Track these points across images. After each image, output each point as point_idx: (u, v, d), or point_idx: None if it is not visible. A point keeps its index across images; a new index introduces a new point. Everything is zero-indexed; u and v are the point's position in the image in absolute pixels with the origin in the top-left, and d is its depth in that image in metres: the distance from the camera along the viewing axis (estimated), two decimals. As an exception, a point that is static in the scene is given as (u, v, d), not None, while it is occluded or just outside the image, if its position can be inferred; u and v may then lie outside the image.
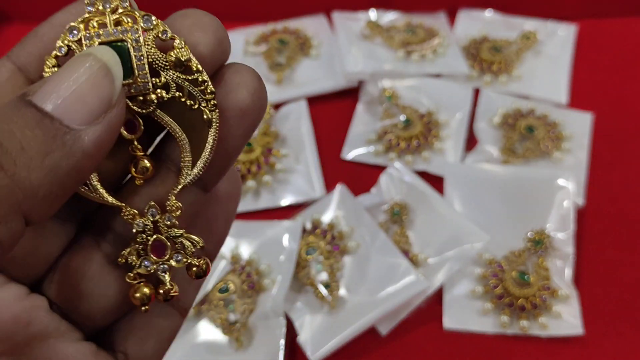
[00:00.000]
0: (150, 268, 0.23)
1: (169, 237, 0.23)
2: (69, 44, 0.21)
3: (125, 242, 0.23)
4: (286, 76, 0.66)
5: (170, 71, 0.22)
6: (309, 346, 0.49)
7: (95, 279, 0.23)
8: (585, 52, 0.69)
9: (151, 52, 0.21)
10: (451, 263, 0.52)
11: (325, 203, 0.56)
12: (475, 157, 0.60)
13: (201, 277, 0.23)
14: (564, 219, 0.55)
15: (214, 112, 0.22)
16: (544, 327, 0.50)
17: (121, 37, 0.21)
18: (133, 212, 0.22)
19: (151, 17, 0.22)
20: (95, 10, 0.21)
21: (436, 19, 0.71)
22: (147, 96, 0.22)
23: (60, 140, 0.18)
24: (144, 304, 0.22)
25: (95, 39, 0.21)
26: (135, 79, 0.21)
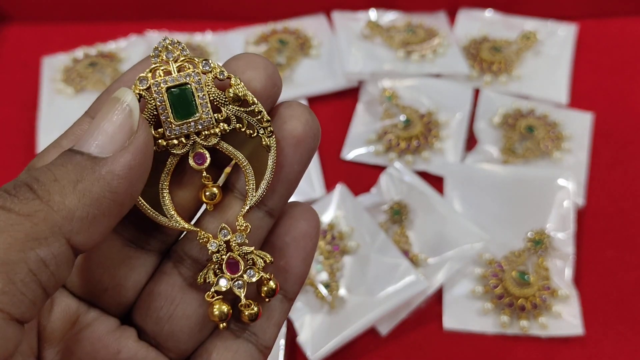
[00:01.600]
0: (227, 285, 0.25)
1: (241, 255, 0.25)
2: (140, 93, 0.24)
3: (201, 264, 0.26)
4: (286, 76, 0.66)
5: (230, 106, 0.24)
6: (309, 346, 0.49)
7: (177, 300, 0.26)
8: (585, 52, 0.69)
9: (212, 91, 0.24)
10: (451, 263, 0.52)
11: (325, 203, 0.56)
12: (475, 157, 0.60)
13: (271, 295, 0.25)
14: (564, 219, 0.55)
15: (271, 138, 0.25)
16: (544, 327, 0.50)
17: (185, 81, 0.24)
18: (207, 235, 0.25)
19: (209, 61, 0.24)
20: (160, 60, 0.24)
21: (436, 19, 0.71)
22: (212, 130, 0.24)
23: (90, 169, 0.21)
24: (222, 320, 0.25)
25: (162, 85, 0.24)
26: (200, 116, 0.24)
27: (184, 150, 0.24)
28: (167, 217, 0.25)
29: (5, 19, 0.73)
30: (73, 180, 0.20)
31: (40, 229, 0.19)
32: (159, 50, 0.24)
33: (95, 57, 0.67)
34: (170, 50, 0.24)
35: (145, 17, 0.72)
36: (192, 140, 0.24)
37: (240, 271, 0.25)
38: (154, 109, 0.24)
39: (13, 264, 0.19)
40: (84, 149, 0.21)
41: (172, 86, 0.24)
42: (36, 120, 0.62)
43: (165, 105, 0.24)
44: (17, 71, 0.69)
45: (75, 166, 0.21)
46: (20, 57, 0.70)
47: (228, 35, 0.70)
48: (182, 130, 0.24)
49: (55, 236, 0.20)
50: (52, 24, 0.73)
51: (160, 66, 0.24)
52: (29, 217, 0.19)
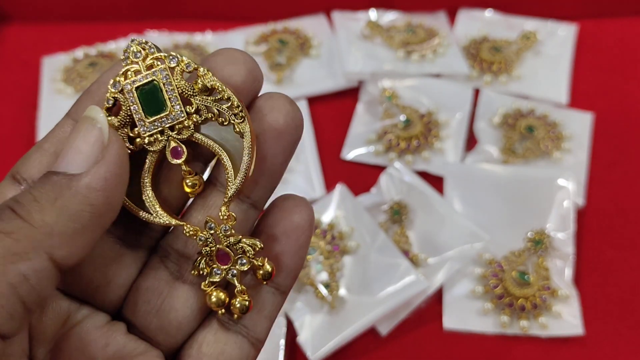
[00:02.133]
0: (220, 275, 0.25)
1: (229, 245, 0.25)
2: (114, 96, 0.24)
3: (186, 257, 0.26)
4: (286, 76, 0.66)
5: (198, 97, 0.24)
6: (309, 346, 0.49)
7: (164, 294, 0.26)
8: (585, 52, 0.69)
9: (180, 85, 0.24)
10: (451, 263, 0.52)
11: (325, 203, 0.56)
12: (475, 157, 0.60)
13: (268, 278, 0.25)
14: (564, 219, 0.55)
15: (243, 124, 0.24)
16: (544, 327, 0.50)
17: (152, 78, 0.24)
18: (194, 228, 0.25)
19: (175, 55, 0.25)
20: (130, 62, 0.24)
21: (436, 19, 0.71)
22: (184, 123, 0.24)
23: (66, 186, 0.21)
24: (220, 307, 0.25)
25: (132, 85, 0.24)
26: (169, 110, 0.24)
27: (160, 146, 0.25)
28: (152, 213, 0.25)
29: (5, 19, 0.73)
30: (51, 198, 0.21)
31: (21, 245, 0.20)
32: (128, 52, 0.25)
33: (95, 57, 0.67)
34: (138, 50, 0.24)
35: (145, 17, 0.72)
36: (166, 136, 0.25)
37: (231, 261, 0.25)
38: (128, 109, 0.24)
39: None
40: (60, 169, 0.22)
41: (141, 85, 0.24)
42: (36, 120, 0.62)
43: (137, 104, 0.24)
44: (17, 71, 0.69)
45: (53, 185, 0.22)
46: (20, 57, 0.70)
47: (228, 35, 0.70)
48: (156, 127, 0.24)
49: (36, 251, 0.20)
50: (52, 24, 0.73)
51: (131, 67, 0.24)
52: (10, 234, 0.20)
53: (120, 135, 0.24)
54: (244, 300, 0.25)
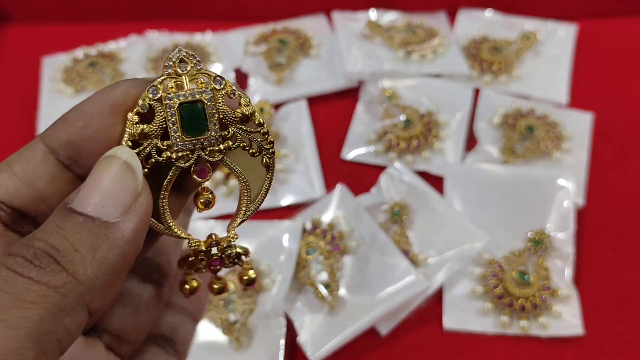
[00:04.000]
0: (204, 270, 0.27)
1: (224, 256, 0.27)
2: (150, 103, 0.24)
3: (118, 339, 0.27)
4: (286, 76, 0.66)
5: (237, 125, 0.25)
6: (309, 346, 0.49)
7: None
8: (585, 52, 0.69)
9: (221, 109, 0.24)
10: (451, 263, 0.52)
11: (325, 203, 0.56)
12: (475, 157, 0.60)
13: (250, 284, 0.28)
14: (564, 219, 0.55)
15: (271, 159, 0.26)
16: (544, 327, 0.50)
17: (197, 98, 0.24)
18: (198, 242, 0.26)
19: (221, 78, 0.24)
20: (173, 72, 0.24)
21: (436, 19, 0.71)
22: (218, 146, 0.25)
23: (104, 235, 0.21)
24: (191, 294, 0.27)
25: (175, 99, 0.24)
26: (209, 133, 0.24)
27: (188, 163, 0.25)
28: (164, 225, 0.25)
29: (5, 19, 0.73)
30: (90, 249, 0.21)
31: (68, 301, 0.20)
32: (173, 62, 0.24)
33: (95, 57, 0.67)
34: (185, 61, 0.24)
35: (145, 17, 0.72)
36: (196, 155, 0.25)
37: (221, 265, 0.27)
38: (163, 121, 0.24)
39: (45, 335, 0.20)
40: (86, 210, 0.21)
41: (185, 102, 0.24)
42: (36, 120, 0.62)
43: (176, 120, 0.24)
44: (17, 71, 0.69)
45: (89, 233, 0.21)
46: (20, 57, 0.70)
47: (228, 35, 0.70)
48: (189, 146, 0.24)
49: (79, 306, 0.21)
50: (52, 24, 0.73)
51: (172, 78, 0.24)
52: (57, 289, 0.20)
53: (149, 144, 0.24)
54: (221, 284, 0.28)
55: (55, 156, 0.24)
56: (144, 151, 0.24)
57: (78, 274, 0.21)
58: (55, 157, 0.24)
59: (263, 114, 0.61)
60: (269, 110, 0.61)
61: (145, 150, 0.24)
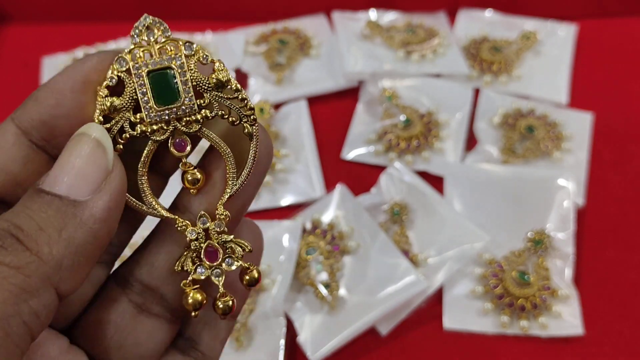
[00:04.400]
0: (205, 273, 0.24)
1: (220, 243, 0.24)
2: (119, 74, 0.22)
3: (150, 290, 0.25)
4: (286, 76, 0.66)
5: (213, 92, 0.23)
6: (309, 346, 0.49)
7: (127, 329, 0.25)
8: (585, 52, 0.69)
9: (195, 76, 0.23)
10: (451, 263, 0.52)
11: (325, 203, 0.56)
12: (475, 157, 0.60)
13: (253, 284, 0.24)
14: (564, 219, 0.55)
15: (254, 127, 0.24)
16: (544, 327, 0.50)
17: (167, 65, 0.23)
18: (186, 223, 0.24)
19: (192, 44, 0.23)
20: (140, 40, 0.23)
21: (436, 19, 0.71)
22: (193, 116, 0.23)
23: (71, 215, 0.20)
24: (195, 309, 0.24)
25: (143, 67, 0.23)
26: (182, 101, 0.23)
27: (164, 136, 0.23)
28: (146, 204, 0.24)
29: (5, 19, 0.73)
30: (57, 228, 0.20)
31: (32, 281, 0.19)
32: (140, 30, 0.23)
33: (95, 57, 0.67)
34: (152, 29, 0.23)
35: (145, 17, 0.72)
36: (172, 127, 0.23)
37: (219, 260, 0.24)
38: (133, 92, 0.23)
39: (9, 317, 0.19)
40: (56, 189, 0.21)
41: (154, 70, 0.23)
42: (36, 120, 0.62)
43: (146, 89, 0.23)
44: (17, 71, 0.69)
45: (56, 212, 0.20)
46: (20, 57, 0.70)
47: (228, 35, 0.70)
48: (163, 116, 0.23)
49: (46, 287, 0.20)
50: (52, 24, 0.73)
51: (140, 47, 0.23)
52: (20, 269, 0.19)
53: (122, 118, 0.23)
54: (227, 301, 0.24)
55: (28, 137, 0.23)
56: (116, 126, 0.23)
57: (42, 254, 0.20)
58: (27, 139, 0.23)
59: (263, 114, 0.61)
60: (269, 110, 0.61)
61: (117, 125, 0.23)
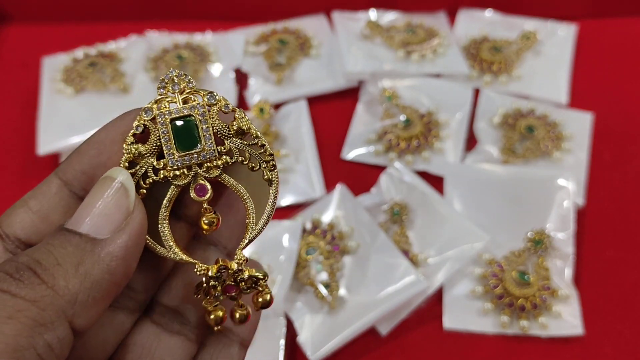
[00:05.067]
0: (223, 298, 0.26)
1: (237, 281, 0.25)
2: (144, 123, 0.24)
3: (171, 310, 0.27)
4: (286, 76, 0.66)
5: (233, 139, 0.25)
6: (309, 346, 0.49)
7: (153, 348, 0.26)
8: (585, 52, 0.69)
9: (215, 124, 0.24)
10: (451, 263, 0.52)
11: (325, 203, 0.56)
12: (475, 157, 0.60)
13: (266, 306, 0.26)
14: (564, 219, 0.55)
15: (273, 172, 0.25)
16: (544, 327, 0.50)
17: (189, 113, 0.24)
18: (205, 267, 0.25)
19: (214, 94, 0.24)
20: (166, 92, 0.24)
21: (436, 19, 0.71)
22: (214, 162, 0.24)
23: (89, 251, 0.21)
24: (217, 324, 0.26)
25: (167, 116, 0.24)
26: (203, 147, 0.24)
27: (185, 181, 0.24)
28: (166, 248, 0.25)
29: (5, 19, 0.73)
30: (74, 263, 0.21)
31: (47, 315, 0.20)
32: (165, 82, 0.24)
33: (95, 57, 0.67)
34: (177, 82, 0.24)
35: (145, 17, 0.72)
36: (193, 172, 0.24)
37: (237, 292, 0.26)
38: (157, 139, 0.24)
39: (23, 349, 0.19)
40: (79, 228, 0.22)
41: (177, 117, 0.24)
42: (36, 120, 0.62)
43: (169, 136, 0.24)
44: (17, 71, 0.69)
45: (75, 248, 0.21)
46: (20, 57, 0.70)
47: (228, 35, 0.70)
48: (185, 162, 0.24)
49: (60, 320, 0.20)
50: (52, 24, 0.73)
51: (166, 97, 0.24)
52: (35, 302, 0.20)
53: (145, 164, 0.24)
54: (243, 311, 0.26)
55: (70, 188, 0.24)
56: (140, 171, 0.24)
57: (58, 287, 0.20)
58: (69, 190, 0.24)
59: (263, 114, 0.61)
60: (268, 110, 0.61)
61: (141, 170, 0.24)
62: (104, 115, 0.61)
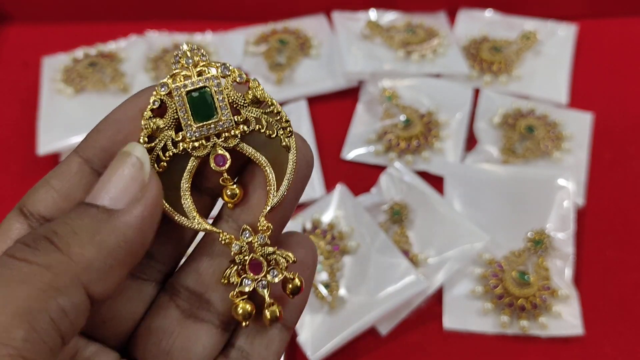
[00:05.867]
0: (250, 285, 0.25)
1: (263, 255, 0.25)
2: (161, 98, 0.24)
3: (197, 296, 0.26)
4: (286, 76, 0.66)
5: (249, 107, 0.25)
6: (309, 346, 0.49)
7: (175, 333, 0.26)
8: (585, 52, 0.69)
9: (230, 94, 0.25)
10: (451, 263, 0.52)
11: (325, 203, 0.56)
12: (475, 157, 0.60)
13: (296, 292, 0.25)
14: (564, 219, 0.55)
15: (290, 139, 0.25)
16: (544, 327, 0.50)
17: (204, 85, 0.24)
18: (229, 236, 0.25)
19: (228, 65, 0.25)
20: (180, 66, 0.25)
21: (436, 19, 0.71)
22: (231, 131, 0.25)
23: (105, 221, 0.22)
24: (245, 319, 0.25)
25: (182, 89, 0.24)
26: (219, 117, 0.24)
27: (204, 152, 0.25)
28: (190, 218, 0.25)
29: (5, 19, 0.73)
30: (90, 232, 0.21)
31: (60, 279, 0.20)
32: (179, 57, 0.25)
33: (95, 57, 0.67)
34: (190, 56, 0.25)
35: (145, 17, 0.72)
36: (212, 142, 0.25)
37: (264, 272, 0.25)
38: (174, 112, 0.24)
39: (36, 312, 0.19)
40: (98, 202, 0.22)
41: (192, 89, 0.24)
42: (36, 120, 0.62)
43: (185, 108, 0.24)
44: (17, 71, 0.69)
45: (91, 219, 0.22)
46: (20, 57, 0.70)
47: (228, 35, 0.70)
48: (202, 133, 0.24)
49: (75, 286, 0.20)
50: (52, 24, 0.73)
51: (181, 72, 0.25)
52: (49, 267, 0.20)
53: (164, 137, 0.24)
54: (274, 310, 0.25)
55: (90, 165, 0.25)
56: (159, 144, 0.24)
57: (73, 254, 0.21)
58: (89, 167, 0.25)
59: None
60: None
61: (161, 144, 0.24)
62: (104, 115, 0.61)
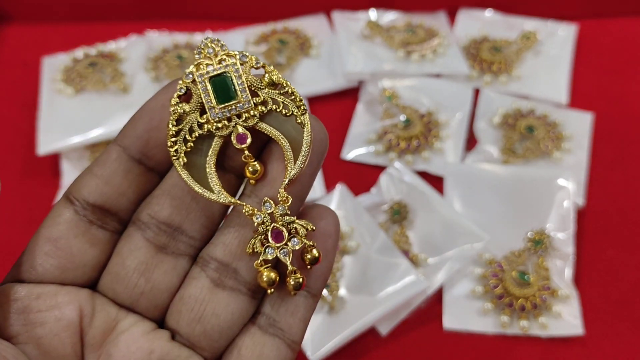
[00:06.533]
0: (273, 253, 0.27)
1: (284, 224, 0.27)
2: (186, 85, 0.27)
3: (225, 266, 0.28)
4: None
5: (266, 89, 0.27)
6: (309, 346, 0.49)
7: (206, 301, 0.28)
8: (585, 52, 0.69)
9: (249, 78, 0.27)
10: (451, 263, 0.52)
11: (325, 203, 0.56)
12: (475, 157, 0.60)
13: (314, 263, 0.27)
14: (564, 219, 0.55)
15: (304, 116, 0.27)
16: (544, 327, 0.50)
17: (224, 70, 0.27)
18: (252, 208, 0.27)
19: (245, 54, 0.28)
20: (203, 56, 0.27)
21: (436, 19, 0.71)
22: (251, 112, 0.27)
23: None
24: (270, 286, 0.27)
25: (205, 75, 0.27)
26: (239, 99, 0.27)
27: (227, 132, 0.27)
28: (216, 193, 0.27)
29: (5, 19, 0.73)
30: None
31: None
32: (201, 48, 0.28)
33: (95, 57, 0.67)
34: (211, 46, 0.28)
35: (145, 17, 0.72)
36: (233, 123, 0.27)
37: (285, 239, 0.27)
38: (199, 97, 0.27)
39: None
40: None
41: (214, 75, 0.27)
42: (36, 120, 0.62)
43: (208, 92, 0.27)
44: (17, 71, 0.69)
45: None
46: (20, 57, 0.70)
47: (228, 35, 0.70)
48: (225, 114, 0.27)
49: None
50: (52, 24, 0.73)
51: (204, 61, 0.27)
52: None
53: (190, 120, 0.27)
54: (298, 277, 0.27)
55: (127, 153, 0.27)
56: (186, 126, 0.27)
57: None
58: (127, 154, 0.27)
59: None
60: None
61: (187, 126, 0.27)
62: (104, 115, 0.62)
